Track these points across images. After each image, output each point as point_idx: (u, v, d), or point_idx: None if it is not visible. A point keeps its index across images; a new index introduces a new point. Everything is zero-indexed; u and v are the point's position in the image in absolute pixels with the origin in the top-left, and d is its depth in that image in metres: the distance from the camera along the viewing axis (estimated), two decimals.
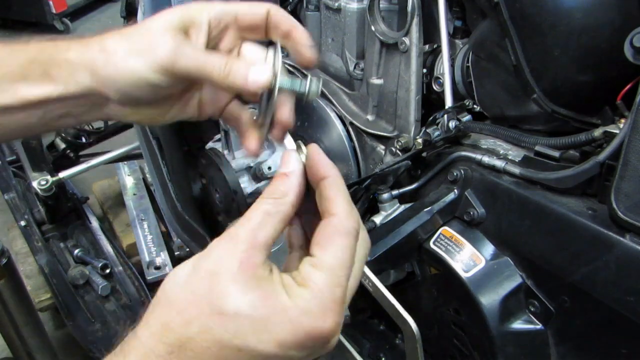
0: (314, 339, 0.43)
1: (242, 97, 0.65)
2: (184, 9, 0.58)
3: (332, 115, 1.24)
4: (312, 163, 0.48)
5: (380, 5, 1.05)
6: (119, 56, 0.56)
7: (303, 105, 1.32)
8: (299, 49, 0.60)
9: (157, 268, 1.78)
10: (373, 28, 1.05)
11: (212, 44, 0.60)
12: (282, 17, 0.60)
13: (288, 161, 0.49)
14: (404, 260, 1.02)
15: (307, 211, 0.50)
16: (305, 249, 0.51)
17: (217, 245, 0.45)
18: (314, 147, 0.49)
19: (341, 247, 0.45)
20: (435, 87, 1.04)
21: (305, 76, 0.55)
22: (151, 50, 0.55)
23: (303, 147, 0.49)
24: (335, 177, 0.48)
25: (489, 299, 0.88)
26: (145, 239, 1.89)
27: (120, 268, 1.76)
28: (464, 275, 0.90)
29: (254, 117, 0.62)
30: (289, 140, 0.50)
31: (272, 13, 0.60)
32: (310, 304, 0.42)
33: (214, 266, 0.43)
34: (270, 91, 0.55)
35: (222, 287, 0.42)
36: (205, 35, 0.58)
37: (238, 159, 1.33)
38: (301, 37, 0.59)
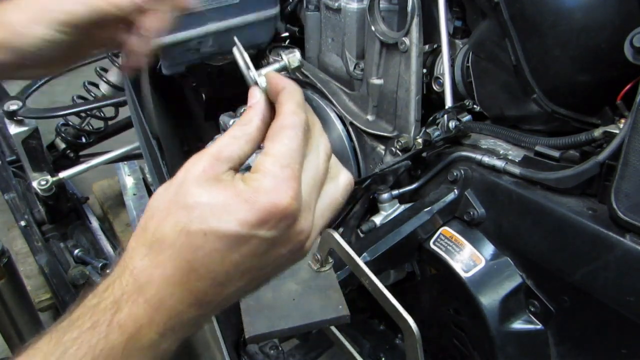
0: (274, 215, 0.46)
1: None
2: None
3: (332, 115, 1.24)
4: (271, 85, 0.53)
5: (380, 5, 1.05)
6: (21, 28, 0.65)
7: None
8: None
9: None
10: (373, 28, 1.05)
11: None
12: None
13: (252, 95, 0.54)
14: (404, 260, 1.02)
15: None
16: None
17: (189, 161, 0.50)
18: (270, 72, 0.54)
19: (287, 136, 0.50)
20: (435, 87, 1.04)
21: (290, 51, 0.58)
22: (50, 13, 0.65)
23: (261, 78, 0.53)
24: (289, 86, 0.53)
25: (489, 299, 0.88)
26: None
27: None
28: (464, 275, 0.90)
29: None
30: (252, 75, 0.53)
31: None
32: (262, 182, 0.47)
33: (182, 176, 0.49)
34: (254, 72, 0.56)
35: (186, 187, 0.48)
36: None
37: None
38: None
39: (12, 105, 1.67)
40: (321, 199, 0.53)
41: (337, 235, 0.75)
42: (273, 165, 0.48)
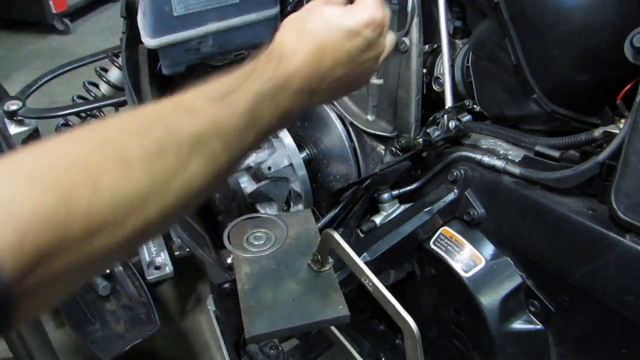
0: (374, 20, 0.71)
1: None
2: None
3: (332, 115, 1.24)
4: None
5: None
6: None
7: None
8: None
9: (157, 268, 1.78)
10: None
11: None
12: None
13: None
14: (404, 260, 1.02)
15: None
16: None
17: (308, 4, 0.75)
18: None
19: None
20: (435, 87, 1.04)
21: None
22: None
23: None
24: None
25: (489, 299, 0.88)
26: None
27: (120, 268, 1.76)
28: (464, 275, 0.90)
29: None
30: None
31: None
32: (370, 4, 0.71)
33: (308, 8, 0.74)
34: None
35: (316, 8, 0.72)
36: None
37: None
38: None
39: (12, 105, 1.67)
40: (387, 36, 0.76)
41: (337, 235, 0.75)
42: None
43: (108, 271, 1.72)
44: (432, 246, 0.95)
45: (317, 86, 0.67)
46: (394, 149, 1.08)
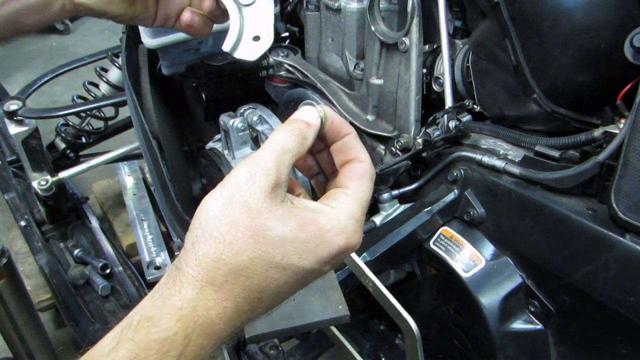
0: (346, 252, 0.51)
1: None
2: None
3: None
4: (334, 122, 0.55)
5: (380, 5, 1.05)
6: None
7: None
8: None
9: (157, 268, 1.78)
10: (373, 28, 1.05)
11: None
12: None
13: (310, 113, 0.54)
14: (404, 260, 1.02)
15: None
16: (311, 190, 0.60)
17: (247, 172, 0.49)
18: (330, 110, 0.55)
19: (368, 187, 0.54)
20: (435, 87, 1.04)
21: None
22: None
23: (319, 107, 0.54)
24: (356, 134, 0.56)
25: (489, 299, 0.88)
26: (145, 239, 1.89)
27: (120, 268, 1.76)
28: (464, 275, 0.90)
29: None
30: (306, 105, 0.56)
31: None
32: (347, 224, 0.50)
33: (248, 201, 0.48)
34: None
35: (262, 220, 0.48)
36: None
37: (238, 159, 1.33)
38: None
39: (12, 105, 1.66)
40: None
41: None
42: (358, 210, 0.52)
43: (108, 271, 1.73)
44: (432, 246, 0.95)
45: (237, 331, 0.51)
46: (394, 149, 1.08)
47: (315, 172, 0.60)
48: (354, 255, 0.74)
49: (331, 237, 0.49)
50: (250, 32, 1.01)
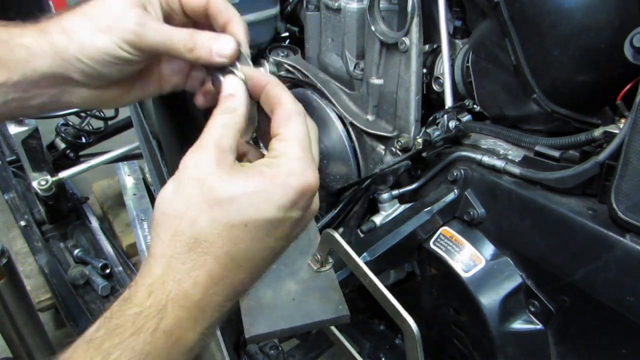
0: (304, 193, 0.50)
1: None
2: None
3: (332, 115, 1.24)
4: (252, 77, 0.56)
5: (380, 5, 1.05)
6: (84, 36, 0.57)
7: (303, 105, 1.32)
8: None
9: None
10: (373, 28, 1.05)
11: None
12: (220, 8, 0.60)
13: (231, 84, 0.56)
14: (404, 260, 1.02)
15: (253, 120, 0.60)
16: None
17: (191, 157, 0.50)
18: (249, 68, 0.57)
19: (298, 122, 0.54)
20: (435, 87, 1.04)
21: None
22: (118, 27, 0.57)
23: (238, 71, 0.57)
24: (275, 80, 0.56)
25: (489, 299, 0.88)
26: (145, 239, 1.89)
27: (120, 268, 1.76)
28: (464, 275, 0.90)
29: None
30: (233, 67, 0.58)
31: (212, 3, 0.60)
32: (292, 166, 0.50)
33: (195, 173, 0.49)
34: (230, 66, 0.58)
35: (210, 183, 0.48)
36: (160, 13, 0.60)
37: None
38: (238, 32, 0.60)
39: None
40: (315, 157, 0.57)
41: (337, 235, 0.75)
42: (296, 149, 0.51)
43: (108, 271, 1.73)
44: (432, 246, 0.95)
45: (229, 305, 0.51)
46: (394, 149, 1.08)
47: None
48: (354, 255, 0.74)
49: (280, 181, 0.49)
50: None
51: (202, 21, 0.62)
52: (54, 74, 0.59)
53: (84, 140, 2.00)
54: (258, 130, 0.62)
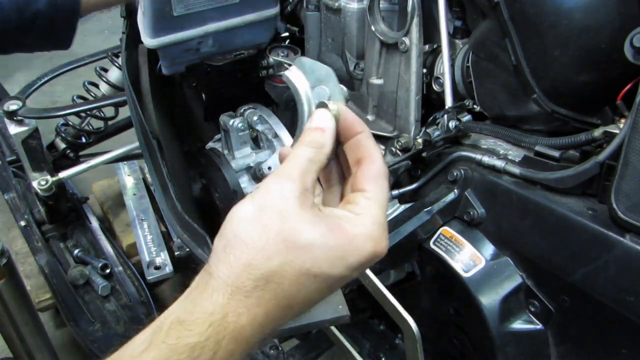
0: (374, 259, 0.50)
1: None
2: None
3: None
4: (347, 119, 0.54)
5: (380, 5, 1.05)
6: None
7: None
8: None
9: (157, 268, 1.78)
10: (373, 28, 1.05)
11: None
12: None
13: (322, 117, 0.53)
14: (404, 260, 1.02)
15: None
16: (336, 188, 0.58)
17: (275, 185, 0.50)
18: (343, 107, 0.55)
19: (385, 186, 0.53)
20: (435, 87, 1.04)
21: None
22: None
23: (332, 105, 0.53)
24: (369, 132, 0.55)
25: (489, 299, 0.88)
26: (145, 239, 1.89)
27: (120, 268, 1.76)
28: (464, 275, 0.90)
29: None
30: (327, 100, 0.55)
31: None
32: (373, 230, 0.50)
33: (279, 205, 0.48)
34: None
35: (293, 224, 0.48)
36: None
37: (238, 159, 1.33)
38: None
39: (12, 105, 1.66)
40: None
41: None
42: (379, 213, 0.51)
43: (108, 271, 1.73)
44: (432, 246, 0.95)
45: (267, 337, 0.51)
46: (394, 149, 1.08)
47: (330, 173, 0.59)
48: None
49: (359, 243, 0.49)
50: None
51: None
52: None
53: (84, 140, 2.00)
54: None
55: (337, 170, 0.58)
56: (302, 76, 0.55)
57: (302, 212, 0.48)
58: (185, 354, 0.45)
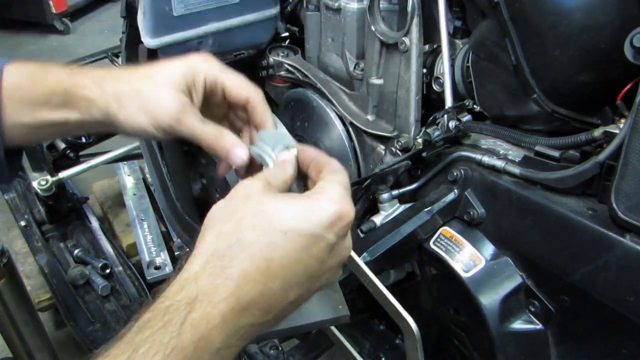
0: (340, 217, 0.54)
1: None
2: (187, 65, 0.68)
3: (332, 115, 1.24)
4: (304, 151, 0.64)
5: (380, 5, 1.05)
6: (130, 111, 0.67)
7: (303, 106, 1.32)
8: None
9: (157, 268, 1.78)
10: (373, 28, 1.05)
11: (204, 103, 0.70)
12: (257, 108, 0.71)
13: (285, 156, 0.64)
14: (404, 260, 1.02)
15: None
16: None
17: (241, 184, 0.56)
18: (298, 147, 0.65)
19: (343, 175, 0.59)
20: (435, 87, 1.04)
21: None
22: (159, 112, 0.66)
23: (292, 150, 0.65)
24: (324, 154, 0.63)
25: (489, 299, 0.88)
26: (145, 239, 1.89)
27: (120, 268, 1.76)
28: (464, 275, 0.90)
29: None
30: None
31: (251, 101, 0.71)
32: (332, 195, 0.55)
33: (244, 192, 0.55)
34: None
35: (257, 197, 0.54)
36: (201, 96, 0.70)
37: None
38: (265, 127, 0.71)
39: None
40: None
41: None
42: (339, 186, 0.57)
43: (108, 271, 1.73)
44: (432, 246, 0.95)
45: (259, 320, 0.51)
46: (394, 149, 1.08)
47: None
48: (354, 255, 0.74)
49: (322, 204, 0.54)
50: None
51: (239, 109, 0.73)
52: (104, 122, 0.68)
53: (84, 140, 2.00)
54: None
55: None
56: (266, 147, 0.66)
57: (266, 191, 0.54)
58: (159, 317, 0.47)
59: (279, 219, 0.52)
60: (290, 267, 0.52)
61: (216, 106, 0.73)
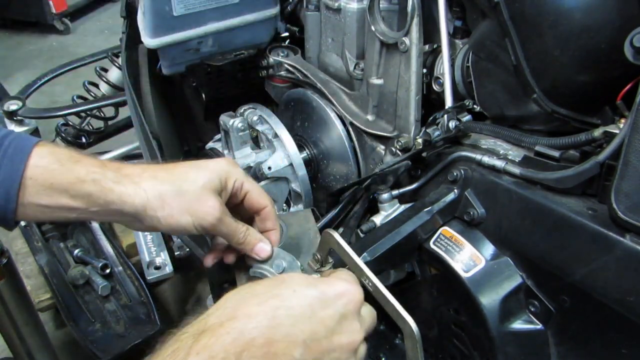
0: (350, 293, 0.62)
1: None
2: (221, 169, 0.76)
3: (332, 115, 1.24)
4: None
5: (380, 5, 1.05)
6: (172, 212, 0.71)
7: (303, 105, 1.32)
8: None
9: (157, 268, 1.78)
10: (373, 28, 1.05)
11: (228, 204, 0.77)
12: (270, 217, 0.81)
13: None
14: (404, 260, 1.02)
15: None
16: None
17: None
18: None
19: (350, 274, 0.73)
20: (435, 87, 1.04)
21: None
22: (201, 213, 0.72)
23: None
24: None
25: (489, 299, 0.88)
26: (145, 239, 1.88)
27: (120, 268, 1.76)
28: (464, 275, 0.90)
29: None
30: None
31: (267, 210, 0.81)
32: (339, 275, 0.66)
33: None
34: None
35: (274, 279, 0.65)
36: (228, 197, 0.78)
37: (238, 159, 1.33)
38: (273, 240, 0.82)
39: (12, 105, 1.67)
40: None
41: (337, 235, 0.75)
42: (347, 274, 0.67)
43: (108, 271, 1.72)
44: (432, 246, 0.95)
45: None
46: (394, 149, 1.08)
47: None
48: (354, 255, 0.74)
49: (331, 280, 0.65)
50: None
51: (253, 213, 0.83)
52: (133, 216, 0.70)
53: (84, 140, 2.00)
54: None
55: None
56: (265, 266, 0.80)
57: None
58: (169, 344, 0.53)
59: (290, 281, 0.59)
60: (296, 320, 0.56)
61: (232, 206, 0.80)
